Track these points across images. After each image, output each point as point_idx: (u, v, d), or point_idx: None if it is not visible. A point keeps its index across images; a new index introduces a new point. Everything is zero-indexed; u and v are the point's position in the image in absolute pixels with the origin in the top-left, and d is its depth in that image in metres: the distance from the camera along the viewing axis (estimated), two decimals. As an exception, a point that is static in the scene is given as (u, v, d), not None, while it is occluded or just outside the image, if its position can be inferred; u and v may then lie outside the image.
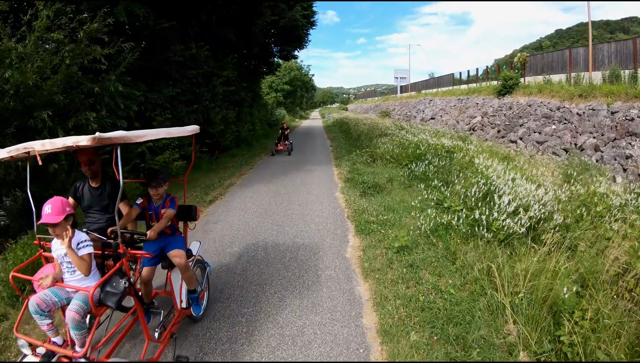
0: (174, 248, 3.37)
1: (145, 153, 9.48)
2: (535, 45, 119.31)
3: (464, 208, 5.89)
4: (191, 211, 3.83)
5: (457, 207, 6.15)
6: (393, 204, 6.97)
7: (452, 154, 8.95)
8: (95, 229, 3.20)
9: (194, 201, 7.85)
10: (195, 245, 3.94)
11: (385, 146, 11.64)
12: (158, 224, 3.23)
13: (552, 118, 17.92)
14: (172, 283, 3.44)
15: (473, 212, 5.59)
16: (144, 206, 3.41)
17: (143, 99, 9.46)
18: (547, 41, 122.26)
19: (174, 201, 3.44)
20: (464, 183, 6.93)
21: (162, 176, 3.40)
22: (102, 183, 3.41)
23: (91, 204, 3.41)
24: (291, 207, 7.35)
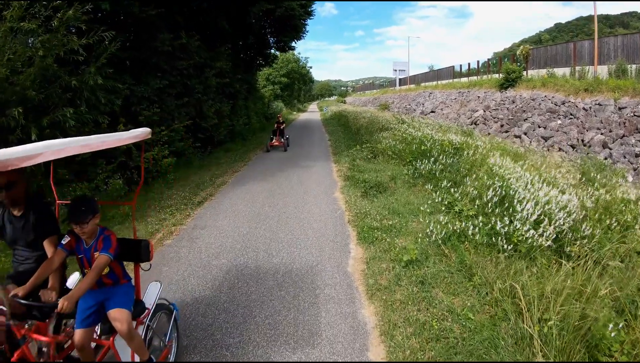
0: (115, 306, 2.49)
1: (131, 150, 8.86)
2: (534, 38, 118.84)
3: (479, 214, 5.33)
4: (140, 250, 2.86)
5: (469, 212, 5.59)
6: (398, 206, 6.41)
7: (459, 151, 8.37)
8: (23, 271, 2.52)
9: (180, 203, 7.26)
10: (154, 289, 3.09)
11: (387, 141, 11.04)
12: (80, 285, 2.32)
13: (558, 113, 17.38)
14: (118, 353, 2.57)
15: (489, 219, 5.04)
16: (71, 247, 2.49)
17: (128, 92, 8.82)
18: (546, 35, 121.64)
19: (109, 240, 2.50)
20: (476, 184, 6.37)
21: (85, 208, 2.41)
22: (25, 210, 2.56)
23: (15, 238, 2.59)
24: (287, 209, 6.77)
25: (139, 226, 6.22)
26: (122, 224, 6.29)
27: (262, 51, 21.53)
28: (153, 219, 6.49)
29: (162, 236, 5.76)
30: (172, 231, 5.90)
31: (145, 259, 2.89)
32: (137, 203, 7.35)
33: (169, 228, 6.04)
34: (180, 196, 7.68)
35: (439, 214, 6.08)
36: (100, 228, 2.55)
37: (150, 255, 2.91)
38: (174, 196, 7.72)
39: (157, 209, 7.01)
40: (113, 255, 2.47)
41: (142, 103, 9.16)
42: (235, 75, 16.06)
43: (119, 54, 8.86)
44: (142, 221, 6.43)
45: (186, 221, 6.34)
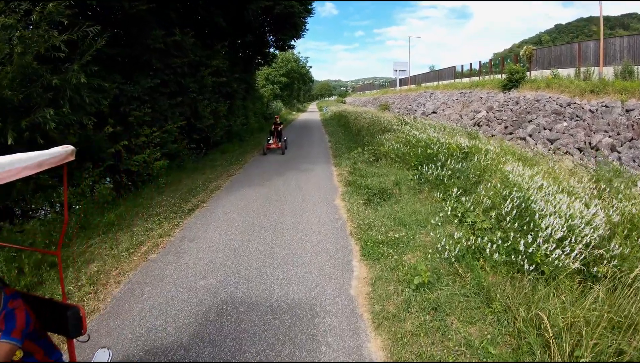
0: None
1: (121, 153, 8.38)
2: (534, 39, 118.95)
3: (495, 227, 4.86)
4: (67, 321, 2.04)
5: (483, 224, 5.12)
6: (404, 216, 5.93)
7: (468, 156, 7.90)
8: None
9: (170, 211, 6.77)
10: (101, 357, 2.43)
11: (390, 143, 10.56)
12: None
13: (563, 115, 16.94)
14: None
15: (507, 234, 4.58)
16: None
17: (118, 91, 8.33)
18: (546, 36, 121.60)
19: (12, 317, 1.82)
20: (489, 193, 5.90)
21: None
22: None
23: None
24: (283, 219, 6.28)
25: (124, 235, 5.75)
26: (105, 234, 5.81)
27: (261, 50, 21.02)
28: (139, 229, 6.01)
29: (147, 249, 5.28)
30: (159, 244, 5.42)
31: (74, 333, 2.08)
32: (125, 210, 6.89)
33: (155, 239, 5.56)
34: (170, 203, 7.19)
35: (449, 225, 5.63)
36: (6, 295, 1.86)
37: (82, 327, 2.09)
38: (163, 203, 7.24)
39: (145, 217, 6.53)
40: (19, 339, 1.80)
41: (132, 103, 8.66)
42: (232, 74, 15.55)
43: (107, 51, 8.37)
44: (128, 231, 5.95)
45: (174, 232, 5.85)
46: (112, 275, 4.62)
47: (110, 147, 7.98)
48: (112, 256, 5.08)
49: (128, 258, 5.03)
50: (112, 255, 5.09)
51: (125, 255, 5.07)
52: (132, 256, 5.10)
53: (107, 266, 4.83)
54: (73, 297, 4.10)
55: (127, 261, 4.94)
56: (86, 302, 4.00)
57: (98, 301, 4.05)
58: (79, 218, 6.25)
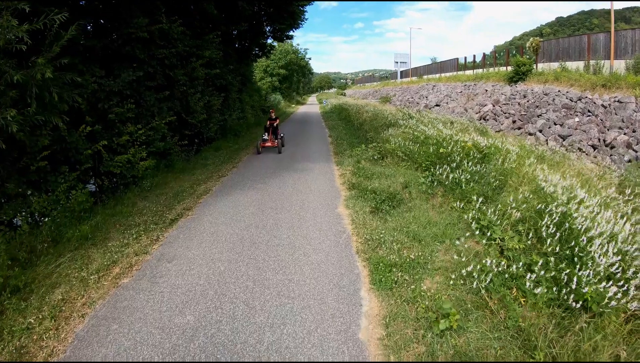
0: None
1: (101, 153, 7.59)
2: (535, 32, 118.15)
3: (530, 249, 4.11)
4: None
5: (514, 243, 4.36)
6: (418, 228, 5.17)
7: (486, 156, 7.12)
8: None
9: (151, 221, 5.97)
10: None
11: (396, 140, 9.76)
12: None
13: (574, 109, 16.18)
14: None
15: (547, 258, 3.83)
16: None
17: (96, 86, 7.52)
18: (547, 29, 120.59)
19: None
20: (518, 202, 5.15)
21: None
22: None
23: None
24: (278, 232, 5.49)
25: (97, 252, 5.00)
26: (77, 251, 5.06)
27: (258, 40, 20.06)
28: (115, 244, 5.25)
29: (119, 271, 4.52)
30: (133, 264, 4.66)
31: None
32: (102, 220, 6.12)
33: (130, 258, 4.79)
34: (152, 211, 6.42)
35: (470, 239, 4.89)
36: None
37: None
38: (145, 211, 6.47)
39: (123, 229, 5.77)
40: None
41: (112, 98, 7.83)
42: (226, 65, 14.66)
43: (83, 42, 7.56)
44: (102, 246, 5.20)
45: (153, 249, 5.08)
46: (77, 306, 3.88)
47: (88, 148, 7.20)
48: (80, 279, 4.34)
49: (97, 282, 4.28)
50: (80, 278, 4.35)
51: (94, 279, 4.32)
52: (102, 279, 4.35)
53: (73, 292, 4.09)
54: (32, 333, 3.39)
55: (95, 287, 4.19)
56: (45, 342, 3.28)
57: (58, 341, 3.32)
58: (50, 230, 5.50)
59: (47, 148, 6.31)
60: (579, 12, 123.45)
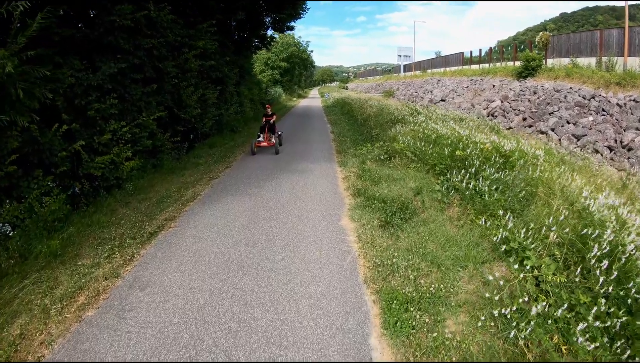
0: None
1: (80, 153, 6.86)
2: (539, 28, 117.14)
3: (575, 285, 3.38)
4: None
5: (553, 275, 3.62)
6: (435, 249, 4.44)
7: (509, 161, 6.36)
8: None
9: (128, 234, 5.22)
10: None
11: (405, 138, 8.99)
12: None
13: (588, 108, 15.39)
14: None
15: (597, 299, 3.11)
16: None
17: (73, 80, 6.76)
18: (551, 24, 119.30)
19: None
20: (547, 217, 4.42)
21: None
22: None
23: None
24: (271, 253, 4.69)
25: (65, 273, 4.29)
26: (44, 270, 4.35)
27: (257, 31, 19.19)
28: (85, 262, 4.53)
29: (85, 300, 3.79)
30: (101, 292, 3.93)
31: None
32: (76, 232, 5.37)
33: (99, 283, 4.07)
34: (131, 221, 5.67)
35: (497, 263, 4.18)
36: None
37: None
38: (124, 221, 5.74)
39: (96, 243, 5.04)
40: None
41: (91, 93, 7.05)
42: (223, 57, 13.84)
43: (59, 31, 6.77)
44: (71, 265, 4.49)
45: (125, 271, 4.34)
46: (34, 345, 3.21)
47: (64, 149, 6.47)
48: (42, 308, 3.65)
49: (60, 314, 3.59)
50: (43, 307, 3.66)
51: (57, 309, 3.63)
52: (65, 310, 3.65)
53: (33, 325, 3.42)
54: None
55: (57, 320, 3.50)
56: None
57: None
58: (17, 245, 4.79)
59: (17, 151, 5.59)
60: (583, 8, 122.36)
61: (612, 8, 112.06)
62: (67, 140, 6.71)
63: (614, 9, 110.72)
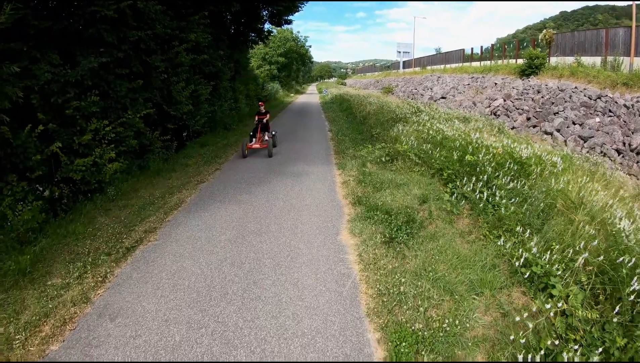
0: None
1: (58, 156, 6.31)
2: (539, 26, 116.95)
3: (612, 325, 2.90)
4: None
5: (583, 310, 3.13)
6: (447, 271, 3.92)
7: (523, 167, 5.85)
8: None
9: (103, 249, 4.69)
10: None
11: (408, 139, 8.45)
12: None
13: (594, 108, 14.93)
14: None
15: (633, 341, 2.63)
16: None
17: (50, 76, 6.19)
18: (551, 23, 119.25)
19: None
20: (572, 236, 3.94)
21: None
22: None
23: None
24: (259, 276, 4.12)
25: (32, 295, 3.79)
26: (12, 290, 3.84)
27: (254, 25, 18.54)
28: (55, 282, 4.02)
29: (49, 331, 3.27)
30: (67, 320, 3.41)
31: None
32: (49, 245, 4.82)
33: (67, 309, 3.54)
34: (108, 233, 5.13)
35: (516, 289, 3.70)
36: None
37: None
38: (101, 232, 5.20)
39: (69, 259, 4.51)
40: None
41: (69, 90, 6.47)
42: (216, 50, 13.24)
43: (36, 23, 6.19)
44: (40, 285, 3.98)
45: (96, 295, 3.80)
46: None
47: (39, 151, 5.93)
48: (6, 337, 3.17)
49: (22, 347, 3.10)
50: (6, 336, 3.18)
51: (20, 341, 3.14)
52: (28, 342, 3.15)
53: None
54: None
55: (19, 354, 3.02)
56: None
57: None
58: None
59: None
60: (583, 7, 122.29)
61: (612, 7, 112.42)
62: (45, 141, 6.18)
63: (614, 9, 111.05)
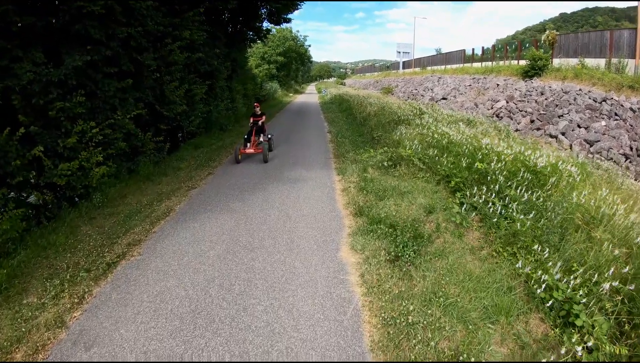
0: None
1: (42, 160, 5.92)
2: (538, 27, 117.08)
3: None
4: None
5: (615, 347, 2.77)
6: (458, 294, 3.54)
7: (537, 176, 5.47)
8: None
9: (82, 265, 4.28)
10: None
11: (412, 143, 8.06)
12: None
13: (599, 111, 14.61)
14: None
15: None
16: None
17: (32, 76, 5.78)
18: (550, 24, 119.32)
19: None
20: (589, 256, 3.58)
21: None
22: None
23: None
24: (250, 301, 3.68)
25: (6, 316, 3.45)
26: None
27: (252, 23, 18.12)
28: (31, 301, 3.66)
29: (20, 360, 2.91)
30: (40, 348, 3.02)
31: None
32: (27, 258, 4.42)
33: (40, 335, 3.17)
34: (89, 246, 4.73)
35: (534, 315, 3.34)
36: None
37: None
38: (82, 244, 4.79)
39: (48, 274, 4.13)
40: None
41: (52, 91, 6.06)
42: (213, 49, 12.81)
43: (17, 19, 5.79)
44: (15, 304, 3.61)
45: (72, 319, 3.39)
46: None
47: (20, 156, 5.53)
48: None
49: None
50: None
51: None
52: None
53: None
54: None
55: None
56: None
57: None
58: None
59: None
60: (582, 9, 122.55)
61: (612, 9, 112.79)
62: (27, 145, 5.79)
63: (613, 10, 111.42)
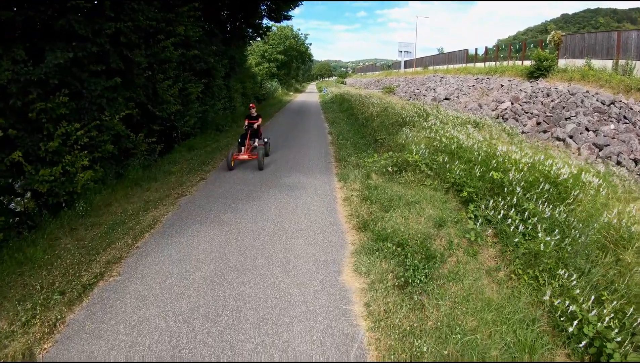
0: None
1: (22, 164, 5.48)
2: (540, 28, 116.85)
3: None
4: None
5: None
6: (476, 328, 3.10)
7: (558, 188, 5.03)
8: None
9: (57, 287, 3.82)
10: None
11: (418, 148, 7.58)
12: None
13: (608, 114, 14.17)
14: None
15: None
16: None
17: (10, 75, 5.33)
18: (552, 25, 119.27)
19: None
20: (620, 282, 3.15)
21: None
22: None
23: None
24: (238, 337, 3.21)
25: None
26: None
27: (252, 20, 17.65)
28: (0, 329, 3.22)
29: None
30: None
31: None
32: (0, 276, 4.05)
33: None
34: (67, 263, 4.27)
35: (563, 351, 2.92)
36: None
37: None
38: (61, 259, 4.34)
39: (22, 295, 3.69)
40: None
41: (32, 90, 5.59)
42: (209, 46, 12.33)
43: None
44: None
45: (42, 350, 2.94)
46: None
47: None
48: None
49: None
50: None
51: None
52: None
53: None
54: None
55: None
56: None
57: None
58: None
59: None
60: (584, 10, 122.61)
61: (614, 11, 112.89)
62: (6, 149, 5.36)
63: (615, 12, 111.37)
